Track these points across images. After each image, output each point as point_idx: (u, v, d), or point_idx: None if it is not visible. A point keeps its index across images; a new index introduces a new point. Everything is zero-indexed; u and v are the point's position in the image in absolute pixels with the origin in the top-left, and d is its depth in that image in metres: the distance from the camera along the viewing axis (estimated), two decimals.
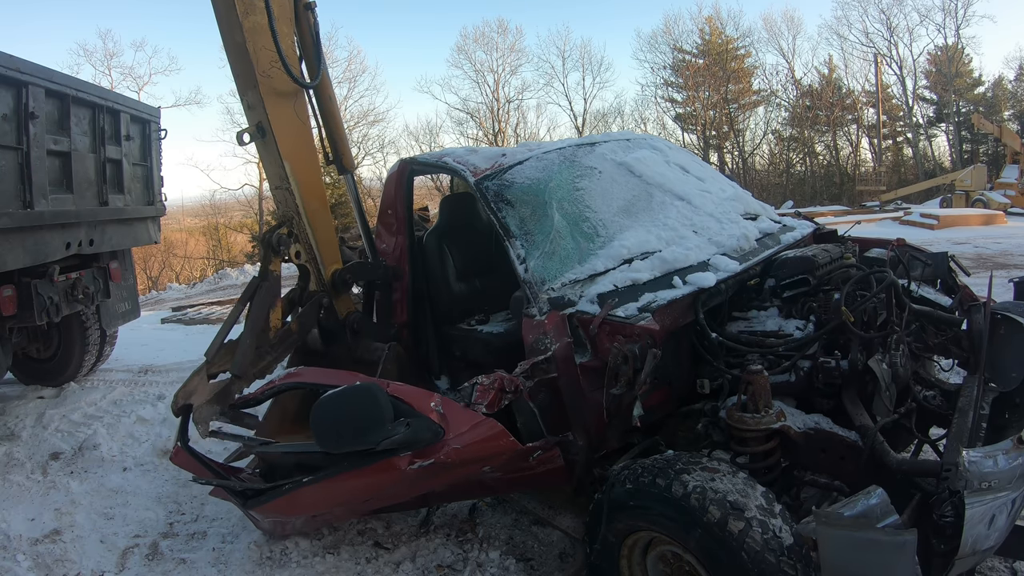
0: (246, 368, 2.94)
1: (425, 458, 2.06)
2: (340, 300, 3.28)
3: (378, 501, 2.61)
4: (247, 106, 3.10)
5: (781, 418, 2.11)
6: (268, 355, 3.05)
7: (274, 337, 3.05)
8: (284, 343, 3.12)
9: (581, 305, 2.41)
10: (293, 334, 3.15)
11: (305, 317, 3.18)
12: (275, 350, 3.07)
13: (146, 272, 24.94)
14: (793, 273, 2.62)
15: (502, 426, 2.07)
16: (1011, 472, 1.72)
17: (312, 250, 3.16)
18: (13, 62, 3.84)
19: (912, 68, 28.58)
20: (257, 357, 2.99)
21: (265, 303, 3.01)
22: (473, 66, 30.89)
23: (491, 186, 2.84)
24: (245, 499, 2.68)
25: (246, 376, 2.98)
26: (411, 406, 2.10)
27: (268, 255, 3.05)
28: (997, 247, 11.33)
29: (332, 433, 2.07)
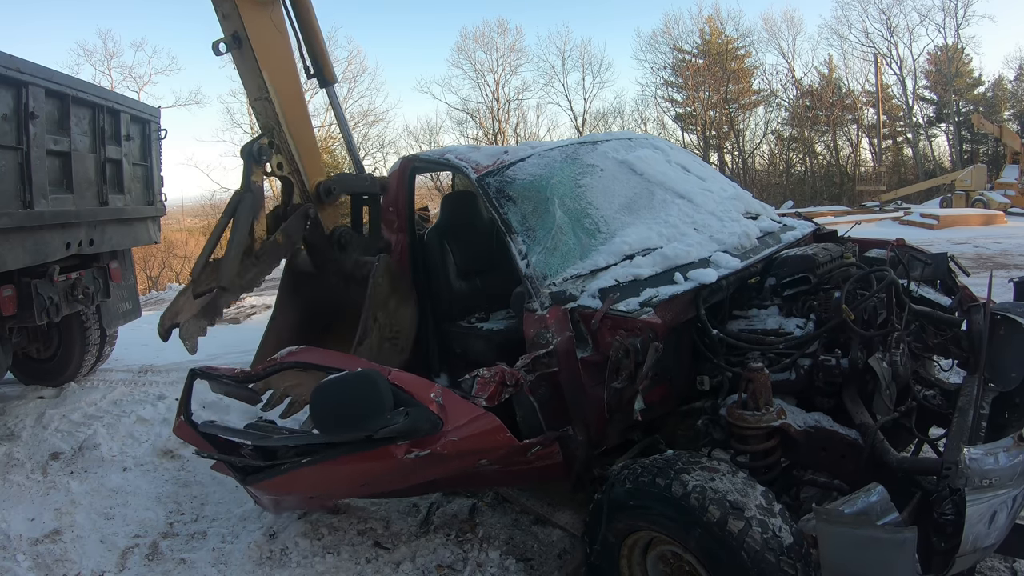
0: (232, 279, 2.89)
1: (422, 448, 2.08)
2: (326, 212, 3.20)
3: (374, 486, 2.63)
4: (222, 16, 3.08)
5: (781, 416, 2.11)
6: (254, 267, 2.99)
7: (260, 248, 2.99)
8: (271, 255, 3.05)
9: (583, 300, 2.41)
10: (280, 246, 3.08)
11: (291, 228, 3.10)
12: (261, 262, 3.01)
13: (146, 272, 24.91)
14: (794, 271, 2.62)
15: (500, 421, 2.08)
16: (1012, 469, 1.72)
17: (294, 161, 3.09)
18: (13, 62, 3.83)
19: (912, 68, 28.62)
20: (243, 269, 2.94)
21: (248, 214, 2.94)
22: (473, 66, 30.90)
23: (493, 182, 2.84)
24: (244, 475, 2.72)
25: (232, 287, 2.92)
26: (411, 395, 2.11)
27: (249, 165, 3.00)
28: (997, 247, 11.33)
29: (331, 418, 2.10)
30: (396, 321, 3.11)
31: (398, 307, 3.11)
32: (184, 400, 2.92)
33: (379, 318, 2.99)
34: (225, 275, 2.86)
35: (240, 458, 2.70)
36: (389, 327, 3.06)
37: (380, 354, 2.98)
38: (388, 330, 3.06)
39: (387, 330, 3.06)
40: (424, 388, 2.15)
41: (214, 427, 2.91)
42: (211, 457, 2.87)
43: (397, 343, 3.13)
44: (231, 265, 2.88)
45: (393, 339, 3.11)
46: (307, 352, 2.65)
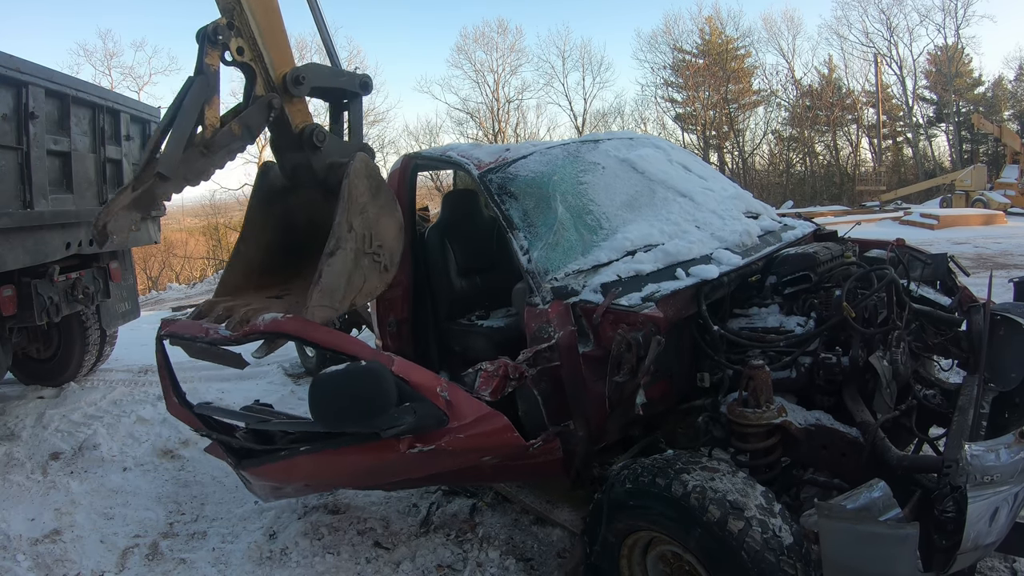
0: (173, 166, 2.47)
1: (426, 443, 2.07)
2: (294, 107, 2.77)
3: (375, 478, 2.61)
4: None
5: (782, 414, 2.11)
6: (202, 158, 2.58)
7: (211, 137, 2.58)
8: (224, 147, 2.62)
9: (584, 295, 2.41)
10: (236, 138, 2.64)
11: (250, 118, 2.68)
12: (213, 153, 2.59)
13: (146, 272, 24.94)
14: (794, 270, 2.62)
15: (508, 420, 2.07)
16: (1013, 467, 1.71)
17: (257, 46, 2.70)
18: (13, 62, 3.84)
19: (912, 68, 28.64)
20: (189, 157, 2.54)
21: (198, 98, 2.54)
22: (473, 66, 30.94)
23: (495, 179, 2.85)
24: (239, 459, 2.67)
25: (175, 177, 2.50)
26: (416, 389, 2.09)
27: (203, 48, 2.61)
28: (997, 247, 11.33)
29: (333, 412, 2.04)
30: (377, 232, 2.67)
31: (379, 216, 2.67)
32: (168, 375, 2.85)
33: (355, 226, 2.55)
34: (165, 162, 2.43)
35: (237, 440, 2.67)
36: (368, 238, 2.63)
37: (356, 270, 2.59)
38: (367, 242, 2.63)
39: (365, 242, 2.62)
40: (430, 381, 2.14)
41: (209, 408, 2.88)
42: (208, 436, 2.82)
43: (379, 259, 2.70)
44: (174, 151, 2.46)
45: (374, 254, 2.68)
46: (294, 322, 2.47)
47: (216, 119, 2.61)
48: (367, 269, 2.63)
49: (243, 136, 2.66)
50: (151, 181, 2.46)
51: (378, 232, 2.66)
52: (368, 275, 2.63)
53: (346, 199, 2.52)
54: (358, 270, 2.58)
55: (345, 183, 2.52)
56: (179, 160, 2.48)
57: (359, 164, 2.60)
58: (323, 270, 2.43)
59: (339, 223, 2.48)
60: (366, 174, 2.62)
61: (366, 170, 2.63)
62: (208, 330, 2.71)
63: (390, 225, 2.73)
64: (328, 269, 2.44)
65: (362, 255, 2.61)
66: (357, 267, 2.58)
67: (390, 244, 2.73)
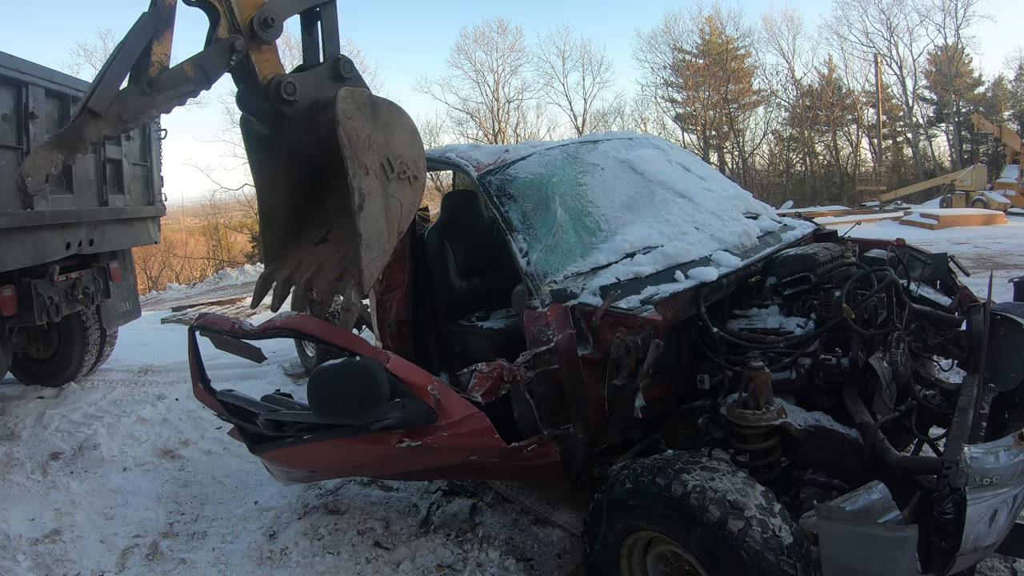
0: (106, 103, 2.13)
1: (414, 439, 2.14)
2: (261, 56, 2.41)
3: (369, 469, 2.73)
4: None
5: (782, 415, 2.11)
6: (143, 97, 2.23)
7: (157, 75, 2.23)
8: (172, 87, 2.27)
9: (583, 297, 2.41)
10: (187, 79, 2.30)
11: (206, 60, 2.33)
12: (156, 92, 2.24)
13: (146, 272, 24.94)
14: (794, 271, 2.62)
15: (489, 422, 2.10)
16: (1012, 468, 1.72)
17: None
18: (13, 62, 3.84)
19: (912, 68, 28.65)
20: (127, 95, 2.20)
21: (146, 30, 2.23)
22: (473, 66, 30.93)
23: (494, 181, 2.85)
24: (253, 443, 2.84)
25: (107, 115, 2.16)
26: (408, 386, 2.13)
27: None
28: (997, 247, 11.33)
29: (328, 404, 2.14)
30: (392, 151, 2.43)
31: (387, 135, 2.41)
32: (196, 363, 3.01)
33: (369, 165, 2.32)
34: (96, 97, 2.11)
35: (253, 426, 2.78)
36: (386, 165, 2.40)
37: (390, 201, 2.38)
38: (387, 169, 2.41)
39: (385, 170, 2.40)
40: (422, 380, 2.17)
41: (232, 395, 3.01)
42: (229, 421, 2.98)
43: (404, 174, 2.46)
44: (109, 86, 2.14)
45: (398, 175, 2.45)
46: (306, 320, 2.58)
47: (166, 57, 2.28)
48: (398, 193, 2.43)
49: (196, 78, 2.32)
50: (79, 119, 2.14)
51: (393, 150, 2.43)
52: (402, 197, 2.44)
53: (348, 146, 2.27)
54: (392, 200, 2.40)
55: (340, 132, 2.25)
56: (114, 97, 2.15)
57: (345, 104, 2.28)
58: (360, 227, 2.26)
59: (353, 174, 2.26)
60: (356, 108, 2.31)
61: (354, 104, 2.31)
62: (234, 324, 2.86)
63: (401, 135, 2.47)
64: (364, 223, 2.27)
65: (388, 184, 2.40)
66: (389, 199, 2.39)
67: (409, 153, 2.49)
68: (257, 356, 2.99)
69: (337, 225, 2.64)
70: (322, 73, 2.49)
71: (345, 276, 2.45)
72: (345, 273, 2.43)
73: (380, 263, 2.34)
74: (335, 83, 2.45)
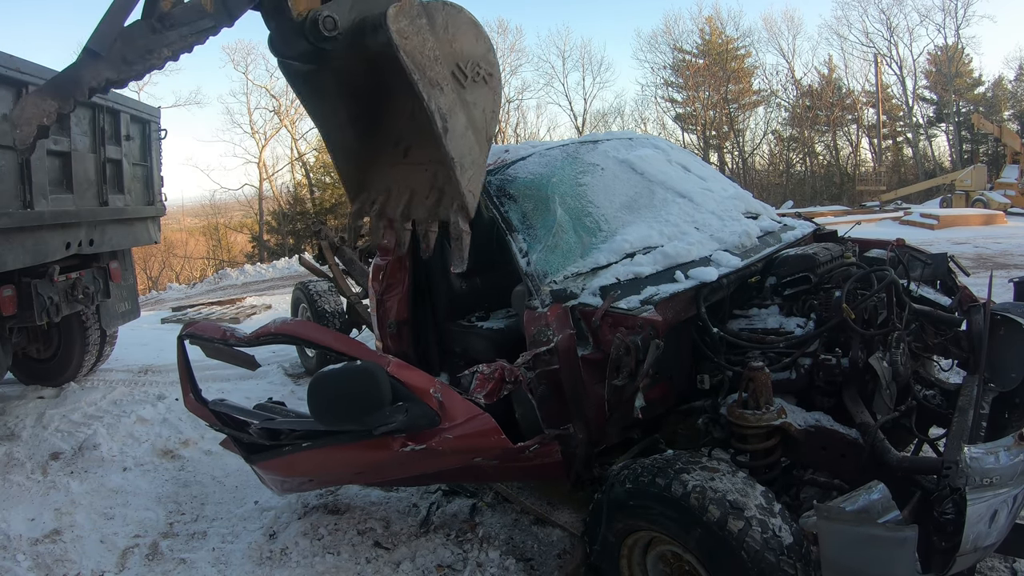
0: (107, 41, 1.87)
1: (418, 442, 2.11)
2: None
3: (371, 475, 2.67)
4: None
5: (782, 415, 2.11)
6: (153, 34, 1.95)
7: (169, 10, 1.97)
8: (186, 24, 2.00)
9: (583, 297, 2.41)
10: (205, 14, 2.02)
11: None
12: (170, 30, 1.96)
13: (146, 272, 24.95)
14: (794, 271, 2.62)
15: (495, 423, 2.08)
16: (1012, 468, 1.72)
17: None
18: (13, 62, 3.83)
19: (912, 68, 28.68)
20: (133, 32, 1.92)
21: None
22: None
23: (493, 181, 2.85)
24: (249, 453, 2.77)
25: (109, 55, 1.90)
26: (410, 389, 2.12)
27: None
28: (997, 247, 11.33)
29: (330, 410, 2.10)
30: (460, 54, 2.16)
31: (451, 39, 2.14)
32: (187, 372, 2.93)
33: (440, 80, 2.07)
34: (99, 36, 1.84)
35: (248, 435, 2.73)
36: (458, 73, 2.14)
37: (472, 110, 2.18)
38: (460, 78, 2.15)
39: (458, 79, 2.14)
40: (424, 382, 2.16)
41: (224, 405, 2.96)
42: (222, 432, 2.91)
43: (479, 75, 2.24)
44: (112, 21, 1.87)
45: (472, 77, 2.20)
46: (302, 326, 2.59)
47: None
48: (478, 98, 2.21)
49: (216, 13, 2.03)
50: (80, 61, 1.88)
51: (461, 54, 2.17)
52: (482, 102, 2.23)
53: (415, 69, 2.02)
54: (473, 108, 2.20)
55: (401, 56, 1.99)
56: (118, 34, 1.88)
57: (398, 24, 2.00)
58: (449, 150, 2.09)
59: (428, 97, 2.05)
60: (410, 24, 2.03)
61: (408, 20, 2.03)
62: (226, 332, 2.78)
63: (465, 35, 2.19)
64: (452, 144, 2.10)
65: (464, 93, 2.18)
66: (470, 108, 2.19)
67: (478, 51, 2.22)
68: (251, 364, 2.95)
69: (414, 142, 2.41)
70: None
71: (444, 200, 2.27)
72: (443, 197, 2.26)
73: (479, 179, 2.20)
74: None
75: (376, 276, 3.45)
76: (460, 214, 2.20)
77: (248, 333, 2.73)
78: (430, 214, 2.31)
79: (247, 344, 2.72)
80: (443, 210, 2.27)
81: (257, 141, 28.61)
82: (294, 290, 6.08)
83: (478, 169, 2.19)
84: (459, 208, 2.19)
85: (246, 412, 2.90)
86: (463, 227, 2.20)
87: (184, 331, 3.03)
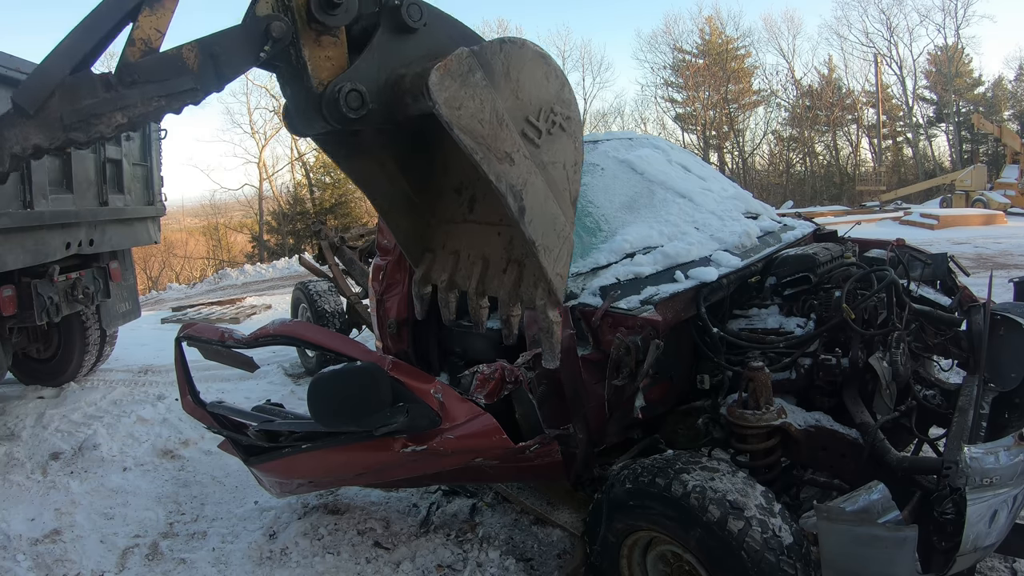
0: (40, 95, 1.46)
1: (419, 443, 2.11)
2: (320, 50, 1.73)
3: (371, 476, 2.65)
4: None
5: (782, 415, 2.11)
6: (107, 91, 1.50)
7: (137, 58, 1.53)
8: (157, 82, 1.54)
9: (583, 298, 2.41)
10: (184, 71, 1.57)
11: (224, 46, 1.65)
12: (130, 88, 1.52)
13: (146, 272, 24.94)
14: (794, 271, 2.62)
15: (496, 422, 2.08)
16: (1012, 469, 1.72)
17: None
18: (13, 62, 3.84)
19: (912, 68, 28.69)
20: (81, 85, 1.50)
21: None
22: None
23: None
24: (248, 455, 2.76)
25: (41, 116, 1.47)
26: (411, 390, 2.11)
27: None
28: (997, 247, 11.33)
29: (330, 411, 2.08)
30: (529, 102, 1.76)
31: (518, 87, 1.74)
32: (184, 374, 2.92)
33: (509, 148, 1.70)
34: (30, 88, 1.46)
35: (246, 437, 2.73)
36: (531, 130, 1.76)
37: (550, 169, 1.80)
38: (530, 134, 1.76)
39: (530, 136, 1.76)
40: (424, 383, 2.16)
41: (222, 407, 2.96)
42: (220, 434, 2.90)
43: (554, 121, 1.81)
44: (48, 72, 1.47)
45: (548, 129, 1.80)
46: (301, 326, 2.58)
47: (157, 34, 1.53)
48: (555, 153, 1.80)
49: (201, 73, 1.55)
50: (5, 116, 1.47)
51: (529, 104, 1.73)
52: (561, 156, 1.81)
53: (476, 148, 1.63)
54: (552, 168, 1.79)
55: (456, 135, 1.59)
56: (55, 86, 1.44)
57: (445, 93, 1.55)
58: (528, 232, 1.72)
59: (497, 176, 1.66)
60: (462, 87, 1.58)
61: (459, 83, 1.58)
62: (224, 333, 2.75)
63: (531, 76, 1.73)
64: (532, 224, 1.72)
65: (540, 152, 1.76)
66: (548, 169, 1.78)
67: (549, 93, 1.77)
68: (249, 366, 2.93)
69: (478, 191, 2.05)
70: (383, 41, 1.75)
71: (525, 278, 1.92)
72: (523, 273, 1.91)
73: (566, 256, 1.82)
74: (406, 41, 1.76)
75: (376, 276, 3.45)
76: (548, 300, 1.83)
77: (246, 334, 2.73)
78: (510, 296, 1.94)
79: (245, 346, 2.72)
80: (526, 293, 1.91)
81: (257, 141, 28.60)
82: (294, 290, 6.08)
83: (565, 244, 1.79)
84: (545, 293, 1.83)
85: (244, 414, 2.90)
86: (552, 318, 1.85)
87: (181, 333, 3.02)
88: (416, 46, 1.73)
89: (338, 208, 25.60)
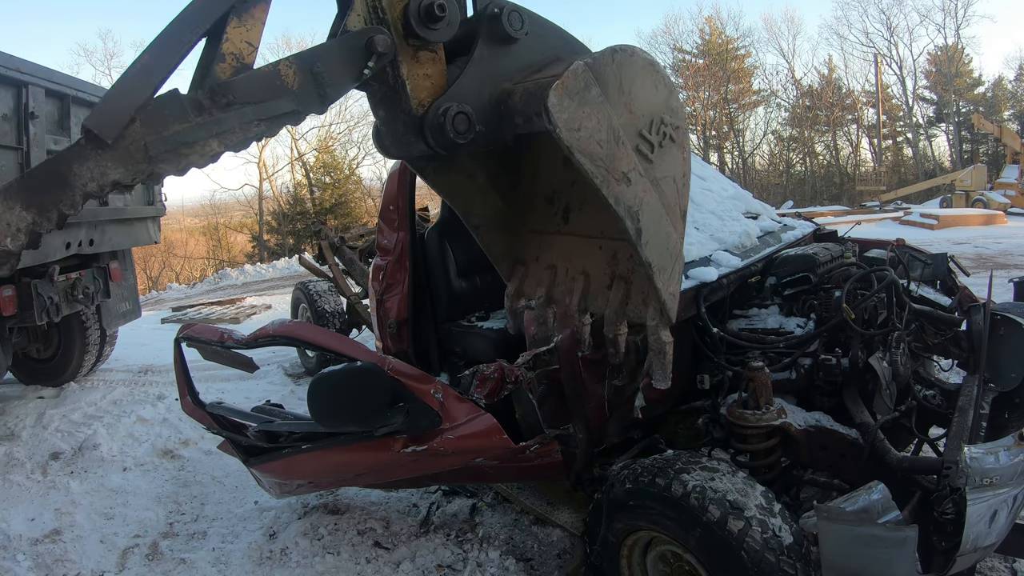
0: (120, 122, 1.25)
1: (419, 444, 2.11)
2: (418, 67, 1.57)
3: (372, 476, 2.65)
4: None
5: (782, 415, 2.11)
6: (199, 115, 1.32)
7: (229, 76, 1.34)
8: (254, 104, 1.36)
9: None
10: (285, 91, 1.40)
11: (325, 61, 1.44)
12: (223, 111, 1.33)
13: (146, 272, 24.94)
14: (794, 271, 2.63)
15: (496, 422, 2.08)
16: (1012, 469, 1.72)
17: None
18: (13, 62, 3.84)
19: (912, 68, 28.70)
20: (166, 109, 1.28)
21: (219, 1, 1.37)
22: None
23: None
24: (248, 456, 2.76)
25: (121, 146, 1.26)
26: (411, 390, 2.11)
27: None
28: (997, 247, 11.33)
29: (330, 411, 2.07)
30: (642, 117, 1.65)
31: (631, 100, 1.62)
32: (183, 375, 2.93)
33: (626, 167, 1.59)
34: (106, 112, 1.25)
35: (245, 438, 2.73)
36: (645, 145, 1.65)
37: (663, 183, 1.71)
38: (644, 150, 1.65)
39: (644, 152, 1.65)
40: (424, 383, 2.16)
41: (222, 408, 2.96)
42: (219, 434, 2.90)
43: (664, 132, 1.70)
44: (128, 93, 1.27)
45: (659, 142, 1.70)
46: (301, 327, 2.58)
47: (248, 48, 1.36)
48: (667, 168, 1.71)
49: (302, 92, 1.39)
50: (76, 147, 1.26)
51: (642, 117, 1.61)
52: (671, 170, 1.71)
53: (595, 173, 1.52)
54: (664, 184, 1.70)
55: (577, 158, 1.48)
56: (137, 110, 1.24)
57: (565, 114, 1.43)
58: (645, 255, 1.64)
59: (616, 199, 1.56)
60: (580, 106, 1.46)
61: (576, 102, 1.45)
62: (223, 334, 2.75)
63: (642, 86, 1.60)
64: (648, 246, 1.63)
65: (653, 168, 1.66)
66: (661, 186, 1.70)
67: (658, 103, 1.66)
68: (249, 366, 2.94)
69: (573, 200, 1.94)
70: (484, 54, 1.59)
71: (633, 295, 1.81)
72: (631, 290, 1.82)
73: (678, 274, 1.74)
74: (507, 52, 1.62)
75: (376, 276, 3.45)
76: (660, 320, 1.73)
77: (246, 335, 2.72)
78: (617, 315, 1.82)
79: (245, 346, 2.71)
80: (634, 311, 1.80)
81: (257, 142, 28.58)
82: (294, 290, 6.09)
83: (677, 262, 1.71)
84: (657, 312, 1.73)
85: (244, 415, 2.90)
86: (665, 338, 1.73)
87: (181, 334, 3.02)
88: (517, 57, 1.61)
89: (338, 208, 25.60)
